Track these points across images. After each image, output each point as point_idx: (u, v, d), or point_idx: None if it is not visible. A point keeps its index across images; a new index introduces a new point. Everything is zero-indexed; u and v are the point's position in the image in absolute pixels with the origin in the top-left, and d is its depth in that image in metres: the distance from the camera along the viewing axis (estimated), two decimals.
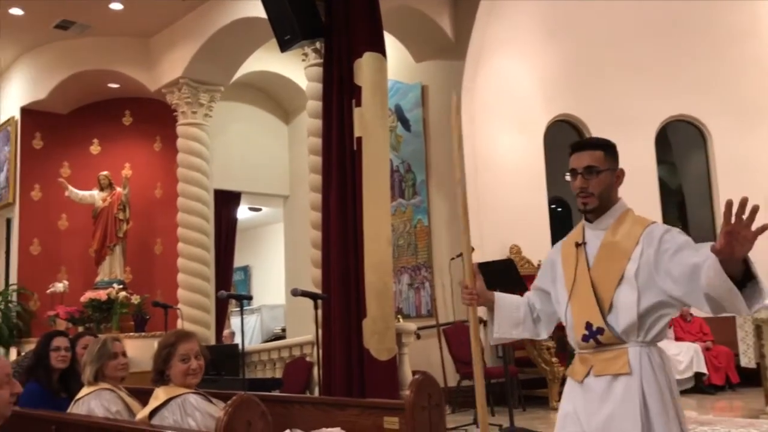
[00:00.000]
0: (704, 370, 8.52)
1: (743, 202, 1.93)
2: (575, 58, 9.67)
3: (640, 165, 9.90)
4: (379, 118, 6.85)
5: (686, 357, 8.50)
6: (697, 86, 9.92)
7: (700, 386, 8.51)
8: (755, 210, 1.93)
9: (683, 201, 10.42)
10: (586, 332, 2.41)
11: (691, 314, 9.08)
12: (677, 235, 2.31)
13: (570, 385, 2.51)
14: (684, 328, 9.09)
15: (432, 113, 8.97)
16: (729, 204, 1.93)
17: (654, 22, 9.75)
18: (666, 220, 10.00)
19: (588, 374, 2.42)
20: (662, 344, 8.16)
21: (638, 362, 2.32)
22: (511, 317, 2.69)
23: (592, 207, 2.47)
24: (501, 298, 2.71)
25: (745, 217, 1.94)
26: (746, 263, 2.03)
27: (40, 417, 3.68)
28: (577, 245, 2.52)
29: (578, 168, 2.48)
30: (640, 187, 9.76)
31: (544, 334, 2.72)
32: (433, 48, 8.90)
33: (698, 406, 7.66)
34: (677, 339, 8.95)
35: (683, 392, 8.41)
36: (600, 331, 2.37)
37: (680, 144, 10.44)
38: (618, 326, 2.35)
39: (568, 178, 2.53)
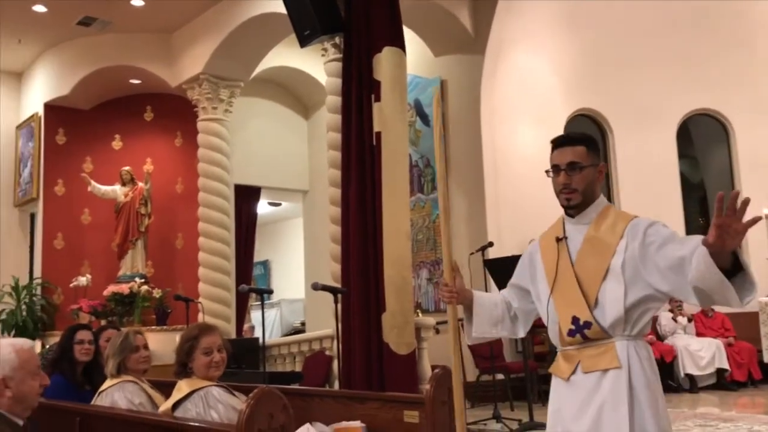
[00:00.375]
0: (726, 366, 8.45)
1: (735, 195, 1.93)
2: (596, 51, 9.60)
3: (662, 159, 9.83)
4: (398, 112, 6.85)
5: (708, 353, 8.43)
6: (719, 80, 9.81)
7: (722, 382, 8.44)
8: (746, 203, 1.92)
9: (705, 196, 10.31)
10: (573, 327, 2.37)
11: (712, 310, 8.99)
12: (661, 228, 2.30)
13: (555, 384, 2.47)
14: (706, 323, 9.02)
15: (451, 108, 8.95)
16: (720, 197, 1.93)
17: (675, 16, 9.65)
18: (687, 214, 9.92)
19: (575, 371, 2.38)
20: (684, 339, 8.10)
21: (626, 356, 2.30)
22: (490, 315, 2.65)
23: (576, 203, 2.44)
24: (479, 296, 2.68)
25: (736, 209, 1.93)
26: (735, 255, 2.02)
27: (64, 408, 3.74)
28: (558, 240, 2.48)
29: (561, 164, 2.45)
30: (661, 181, 9.71)
31: (521, 332, 2.69)
32: (452, 42, 8.88)
33: (720, 402, 7.60)
34: (699, 335, 8.88)
35: (705, 388, 8.36)
36: (587, 325, 2.34)
37: (702, 138, 10.33)
38: (605, 320, 2.32)
39: (549, 174, 2.50)
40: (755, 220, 1.95)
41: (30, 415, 2.68)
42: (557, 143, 2.52)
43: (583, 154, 2.44)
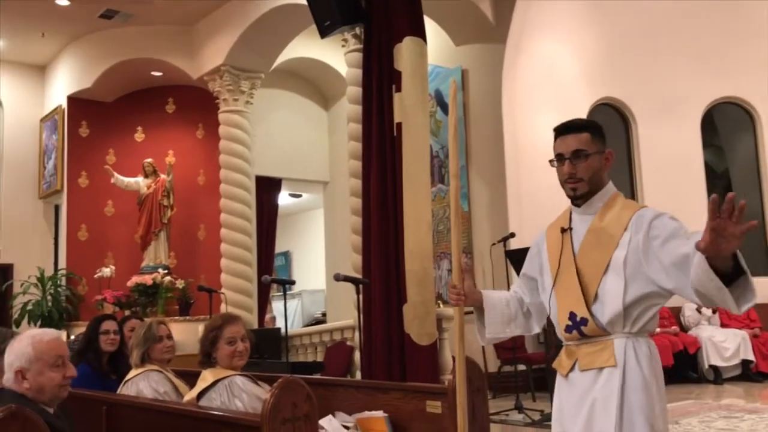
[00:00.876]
0: (751, 357, 8.36)
1: (730, 198, 1.80)
2: (618, 39, 9.49)
3: (686, 148, 9.72)
4: (419, 103, 6.83)
5: (733, 344, 8.35)
6: (744, 68, 9.66)
7: (747, 374, 8.36)
8: (743, 207, 1.80)
9: (729, 185, 10.18)
10: (570, 323, 2.29)
11: None
12: (668, 221, 2.17)
13: (557, 380, 2.40)
14: (730, 314, 8.92)
15: (472, 98, 8.90)
16: (715, 200, 1.81)
17: (699, 4, 9.50)
18: None
19: (573, 368, 2.31)
20: (709, 330, 7.99)
21: (623, 354, 2.20)
22: (502, 315, 2.54)
23: (582, 193, 2.35)
24: (489, 296, 2.57)
25: (732, 213, 1.80)
26: (736, 258, 1.90)
27: (92, 398, 3.79)
28: (563, 231, 2.40)
29: (565, 153, 2.36)
30: (685, 171, 9.60)
31: (536, 328, 2.59)
32: (473, 32, 8.82)
33: (745, 394, 7.53)
34: (723, 325, 8.80)
35: (729, 379, 8.28)
36: (584, 321, 2.25)
37: (727, 127, 10.19)
38: (603, 317, 2.23)
39: (553, 164, 2.41)
40: (752, 225, 1.83)
41: (62, 404, 2.71)
42: (560, 131, 2.43)
43: (587, 141, 2.36)
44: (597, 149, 2.36)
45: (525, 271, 2.58)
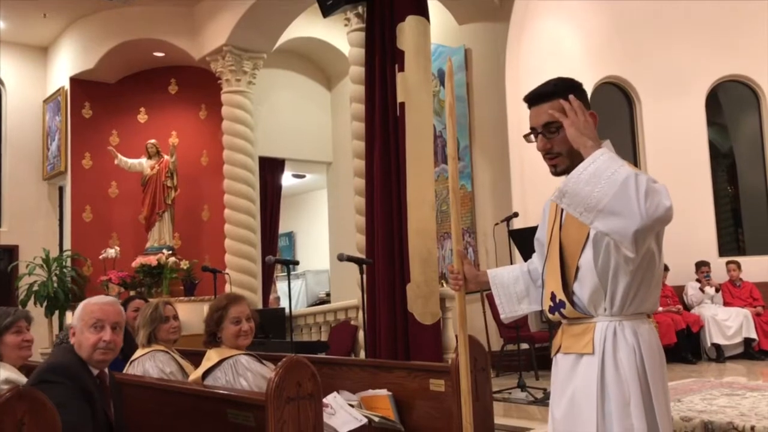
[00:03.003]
0: (754, 335, 8.39)
1: None
2: (623, 18, 9.42)
3: (690, 127, 9.68)
4: (422, 82, 6.80)
5: (735, 322, 8.37)
6: (749, 45, 9.58)
7: (749, 352, 8.39)
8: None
9: (734, 164, 10.15)
10: (551, 304, 2.17)
11: (740, 279, 8.92)
12: None
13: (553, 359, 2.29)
14: (733, 293, 8.94)
15: (475, 77, 8.86)
16: None
17: None
18: (716, 183, 9.78)
19: (559, 349, 2.19)
20: (711, 309, 7.96)
21: (602, 340, 2.05)
22: (512, 294, 2.44)
23: (564, 168, 2.11)
24: (496, 276, 2.47)
25: None
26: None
27: None
28: None
29: (537, 127, 2.14)
30: (689, 149, 9.57)
31: None
32: (476, 10, 8.76)
33: (748, 372, 7.56)
34: (726, 304, 8.82)
35: (732, 358, 8.31)
36: (562, 304, 2.13)
37: (732, 105, 10.14)
38: (583, 296, 2.09)
39: (530, 140, 2.20)
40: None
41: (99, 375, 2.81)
42: (530, 101, 2.19)
43: (560, 109, 2.10)
44: None
45: (538, 236, 2.42)
